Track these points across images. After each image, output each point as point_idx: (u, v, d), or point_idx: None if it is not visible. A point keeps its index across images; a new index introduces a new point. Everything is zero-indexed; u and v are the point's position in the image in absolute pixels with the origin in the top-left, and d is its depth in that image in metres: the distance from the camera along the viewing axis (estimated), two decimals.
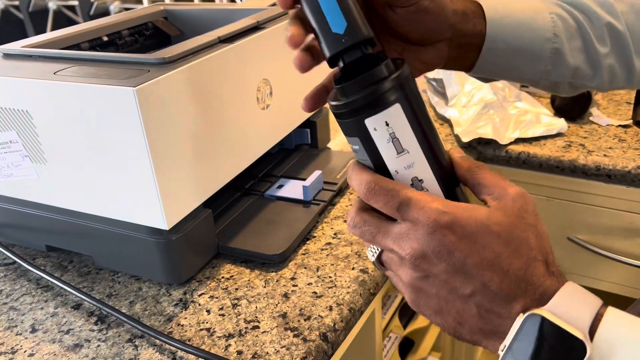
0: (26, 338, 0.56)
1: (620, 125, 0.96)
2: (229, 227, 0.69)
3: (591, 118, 0.99)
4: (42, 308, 0.60)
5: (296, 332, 0.54)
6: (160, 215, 0.55)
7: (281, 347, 0.52)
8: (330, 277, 0.61)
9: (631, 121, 0.96)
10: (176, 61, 0.56)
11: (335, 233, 0.69)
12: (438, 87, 1.10)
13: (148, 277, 0.63)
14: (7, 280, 0.65)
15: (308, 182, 0.73)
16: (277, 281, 0.61)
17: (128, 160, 0.54)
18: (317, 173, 0.75)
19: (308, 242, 0.68)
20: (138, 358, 0.52)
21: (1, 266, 0.67)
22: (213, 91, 0.60)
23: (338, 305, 0.57)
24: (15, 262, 0.67)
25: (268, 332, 0.54)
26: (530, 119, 0.96)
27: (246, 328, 0.55)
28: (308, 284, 0.60)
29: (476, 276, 0.34)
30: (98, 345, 0.54)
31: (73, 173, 0.58)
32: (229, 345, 0.53)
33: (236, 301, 0.59)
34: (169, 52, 0.57)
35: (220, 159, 0.63)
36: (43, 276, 0.62)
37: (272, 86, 0.70)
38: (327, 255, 0.65)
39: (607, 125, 0.97)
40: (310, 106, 0.43)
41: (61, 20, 4.09)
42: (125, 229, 0.60)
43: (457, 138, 0.95)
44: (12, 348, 0.54)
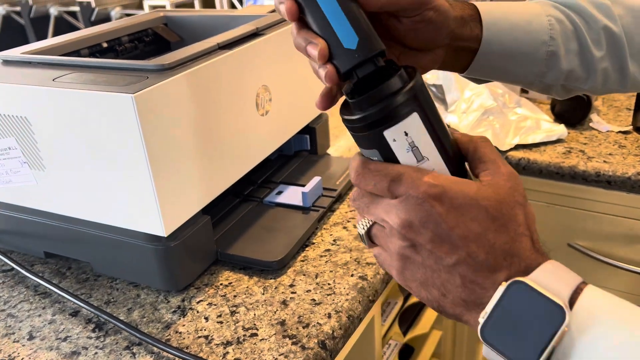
0: (23, 345, 0.55)
1: (620, 131, 0.96)
2: (228, 234, 0.68)
3: (591, 124, 0.99)
4: (40, 315, 0.59)
5: (294, 340, 0.54)
6: (158, 221, 0.55)
7: (279, 355, 0.52)
8: (329, 284, 0.61)
9: (631, 127, 0.96)
10: (175, 68, 0.56)
11: (334, 239, 0.69)
12: (438, 93, 1.10)
13: (146, 284, 0.63)
14: (5, 287, 0.64)
15: (307, 189, 0.73)
16: (276, 288, 0.61)
17: (126, 166, 0.54)
18: (317, 179, 0.75)
19: (307, 249, 0.68)
20: None
21: None
22: (212, 97, 0.60)
23: (337, 312, 0.57)
24: (13, 269, 0.67)
25: (266, 340, 0.54)
26: (530, 125, 0.96)
27: (244, 336, 0.55)
28: (307, 291, 0.60)
29: (462, 247, 0.34)
30: (95, 352, 0.54)
31: (71, 179, 0.58)
32: (227, 353, 0.53)
33: (234, 308, 0.58)
34: (168, 59, 0.57)
35: (219, 166, 0.63)
36: (41, 283, 0.62)
37: (272, 92, 0.70)
38: (326, 262, 0.65)
39: (607, 131, 0.97)
40: (324, 104, 0.42)
41: (62, 25, 4.10)
42: (123, 236, 0.60)
43: None
44: (10, 355, 0.54)
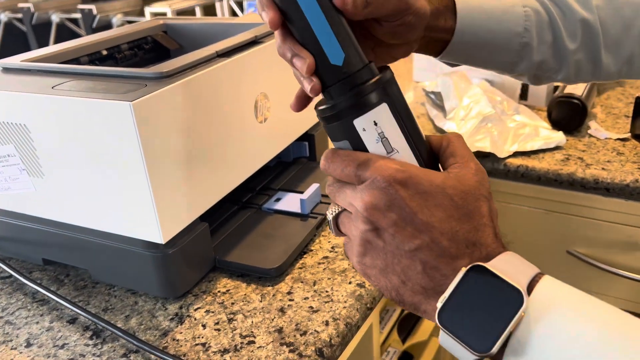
0: (21, 353, 0.55)
1: (618, 138, 0.96)
2: (226, 241, 0.69)
3: (589, 131, 0.99)
4: (38, 322, 0.59)
5: (292, 348, 0.54)
6: (156, 229, 0.55)
7: None
8: (326, 292, 0.61)
9: (629, 134, 0.96)
10: (173, 75, 0.57)
11: (332, 247, 0.69)
12: (436, 100, 1.10)
13: (144, 291, 0.63)
14: (4, 294, 0.65)
15: (305, 196, 0.73)
16: (274, 295, 0.61)
17: (124, 174, 0.54)
18: (315, 186, 0.75)
19: (305, 256, 0.68)
20: None
21: None
22: (210, 105, 0.60)
23: (334, 320, 0.57)
24: (11, 276, 0.67)
25: (264, 348, 0.54)
26: (528, 133, 0.96)
27: (242, 343, 0.55)
28: (304, 299, 0.60)
29: (425, 232, 0.34)
30: None
31: (70, 187, 0.58)
32: None
33: (232, 316, 0.58)
34: (167, 67, 0.57)
35: (217, 173, 0.63)
36: (39, 290, 0.62)
37: (270, 99, 0.70)
38: (324, 269, 0.65)
39: (606, 138, 0.97)
40: (299, 106, 0.43)
41: (64, 32, 4.12)
42: (121, 243, 0.60)
43: None
44: None
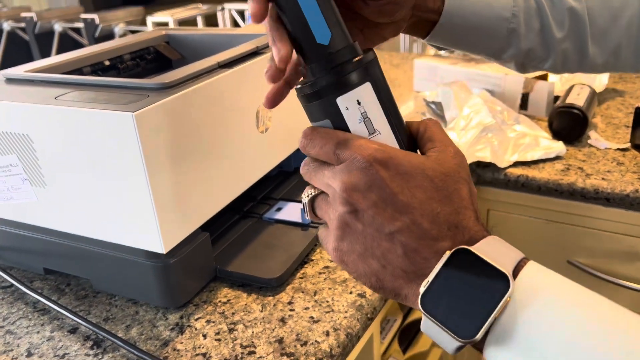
0: None
1: (618, 148, 0.96)
2: (227, 251, 0.69)
3: (589, 141, 0.99)
4: (39, 332, 0.59)
5: (292, 358, 0.53)
6: (157, 238, 0.56)
7: None
8: (327, 302, 0.61)
9: (629, 144, 0.97)
10: (175, 86, 0.57)
11: None
12: (437, 110, 1.11)
13: (145, 301, 0.63)
14: (5, 303, 0.65)
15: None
16: (274, 305, 0.61)
17: (126, 184, 0.54)
18: None
19: (306, 266, 0.68)
20: None
21: None
22: (212, 115, 0.61)
23: (335, 330, 0.57)
24: (12, 285, 0.67)
25: (264, 358, 0.54)
26: (528, 142, 0.96)
27: (242, 353, 0.55)
28: (305, 309, 0.60)
29: (405, 213, 0.33)
30: None
31: (72, 196, 0.58)
32: None
33: (233, 326, 0.58)
34: (169, 77, 0.58)
35: (218, 183, 0.63)
36: (40, 299, 0.62)
37: (272, 110, 0.71)
38: (325, 279, 0.65)
39: (606, 148, 0.97)
40: (273, 102, 0.41)
41: (66, 42, 4.14)
42: (122, 253, 0.60)
43: None
44: None
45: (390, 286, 0.35)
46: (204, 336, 0.57)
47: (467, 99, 1.04)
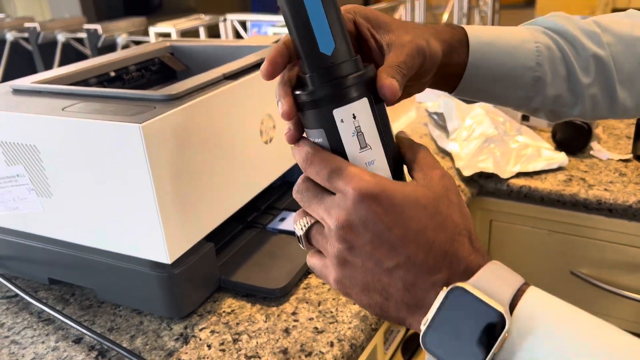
0: None
1: (620, 159, 0.97)
2: (231, 261, 0.69)
3: (592, 152, 1.00)
4: (44, 342, 0.59)
5: None
6: (162, 249, 0.56)
7: None
8: (331, 312, 0.61)
9: (631, 155, 0.97)
10: (182, 98, 0.58)
11: None
12: (439, 121, 1.11)
13: (149, 311, 0.63)
14: (9, 313, 0.65)
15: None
16: (278, 316, 0.61)
17: (132, 194, 0.54)
18: None
19: (309, 276, 0.68)
20: None
21: (3, 299, 0.67)
22: (217, 126, 0.61)
23: (339, 341, 0.57)
24: (17, 295, 0.67)
25: None
26: (531, 153, 0.97)
27: None
28: (309, 319, 0.60)
29: (401, 248, 0.34)
30: None
31: (78, 207, 0.59)
32: None
33: (237, 336, 0.59)
34: (175, 89, 0.58)
35: (223, 193, 0.64)
36: (45, 309, 0.62)
37: (275, 120, 0.71)
38: (329, 289, 0.65)
39: (608, 159, 0.97)
40: (272, 72, 0.40)
41: (69, 52, 4.17)
42: (127, 263, 0.60)
43: (459, 171, 0.96)
44: None
45: (394, 316, 0.36)
46: (209, 346, 0.57)
47: (469, 110, 1.05)
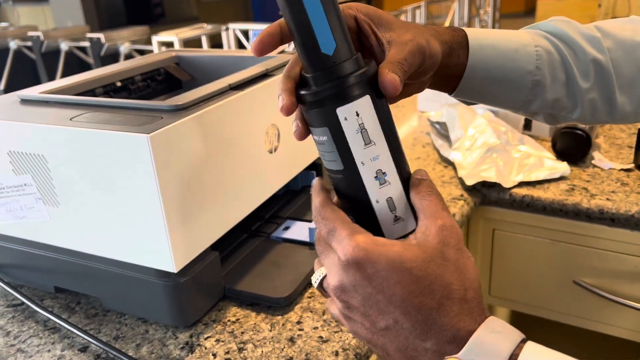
0: None
1: (622, 169, 0.97)
2: (236, 270, 0.69)
3: (593, 162, 1.00)
4: (50, 350, 0.60)
5: None
6: (169, 258, 0.56)
7: None
8: (336, 322, 0.61)
9: (633, 165, 0.97)
10: (188, 108, 0.58)
11: None
12: (441, 130, 1.12)
13: (155, 320, 0.63)
14: (15, 321, 0.65)
15: (314, 224, 0.74)
16: (283, 325, 0.61)
17: (139, 204, 0.55)
18: None
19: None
20: None
21: (9, 307, 0.68)
22: (223, 136, 0.62)
23: (344, 350, 0.57)
24: (23, 303, 0.67)
25: None
26: (533, 163, 0.97)
27: None
28: (314, 328, 0.61)
29: (388, 312, 0.35)
30: None
31: (85, 216, 0.59)
32: None
33: (242, 345, 0.59)
34: (182, 99, 0.59)
35: (229, 202, 0.64)
36: (50, 318, 0.63)
37: (280, 130, 0.72)
38: None
39: (610, 169, 0.98)
40: (263, 48, 0.40)
41: (72, 60, 4.19)
42: (133, 271, 0.60)
43: (461, 181, 0.96)
44: None
45: None
46: (214, 355, 0.57)
47: (472, 120, 1.05)
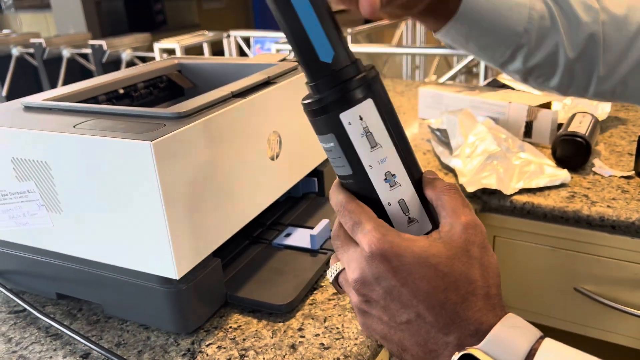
0: None
1: (622, 176, 0.97)
2: (237, 276, 0.69)
3: (594, 169, 1.00)
4: (51, 357, 0.60)
5: None
6: (171, 264, 0.56)
7: None
8: (337, 328, 0.61)
9: (633, 172, 0.98)
10: (191, 115, 0.59)
11: None
12: (442, 137, 1.12)
13: (157, 326, 0.63)
14: (17, 328, 0.65)
15: (316, 231, 0.74)
16: (285, 332, 0.61)
17: (142, 211, 0.55)
18: (325, 222, 0.76)
19: (315, 292, 0.68)
20: None
21: (11, 314, 0.68)
22: (226, 143, 0.62)
23: (346, 357, 0.57)
24: (25, 310, 0.68)
25: None
26: (534, 170, 0.97)
27: None
28: (315, 335, 0.61)
29: (411, 306, 0.35)
30: None
31: (87, 222, 0.59)
32: None
33: (244, 352, 0.59)
34: (184, 107, 0.59)
35: (231, 209, 0.64)
36: (52, 324, 0.63)
37: (282, 137, 0.72)
38: (334, 305, 0.65)
39: (610, 176, 0.98)
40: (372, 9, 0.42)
41: (74, 67, 4.21)
42: (135, 278, 0.61)
43: (462, 188, 0.97)
44: None
45: None
46: None
47: (472, 127, 1.06)
